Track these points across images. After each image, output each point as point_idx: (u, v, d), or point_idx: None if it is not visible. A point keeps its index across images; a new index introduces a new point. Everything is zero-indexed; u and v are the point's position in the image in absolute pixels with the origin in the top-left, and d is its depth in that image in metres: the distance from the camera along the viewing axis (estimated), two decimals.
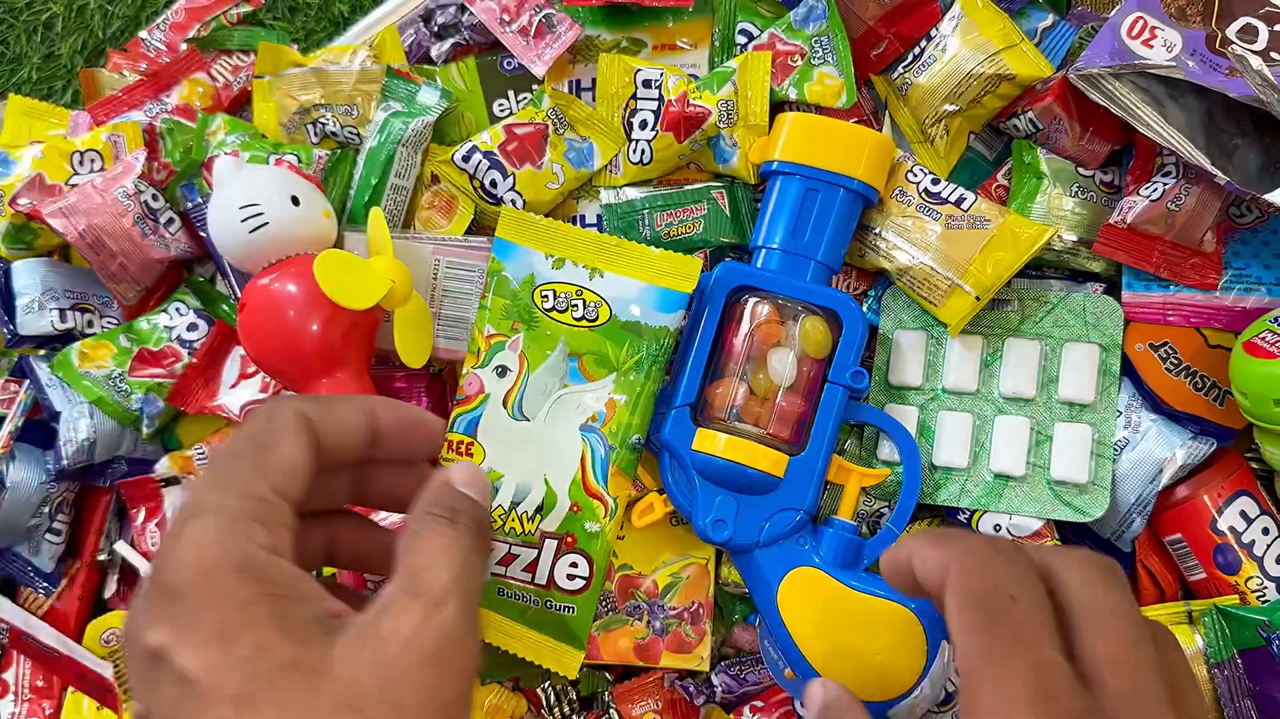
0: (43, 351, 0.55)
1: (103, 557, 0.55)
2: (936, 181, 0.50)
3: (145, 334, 0.54)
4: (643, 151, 0.53)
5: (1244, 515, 0.49)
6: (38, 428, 0.53)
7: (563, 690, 0.54)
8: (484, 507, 0.35)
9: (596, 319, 0.48)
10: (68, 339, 0.55)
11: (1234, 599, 0.48)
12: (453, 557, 0.32)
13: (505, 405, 0.48)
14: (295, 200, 0.49)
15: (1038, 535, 0.49)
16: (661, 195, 0.53)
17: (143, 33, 0.63)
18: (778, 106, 0.53)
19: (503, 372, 0.48)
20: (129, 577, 0.55)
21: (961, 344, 0.51)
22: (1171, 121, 0.48)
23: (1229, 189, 0.46)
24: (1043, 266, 0.53)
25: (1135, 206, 0.49)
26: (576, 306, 0.48)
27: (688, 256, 0.47)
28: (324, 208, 0.51)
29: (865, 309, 0.53)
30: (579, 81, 0.56)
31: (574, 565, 0.47)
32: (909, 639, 0.44)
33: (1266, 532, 0.49)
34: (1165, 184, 0.49)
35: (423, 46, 0.58)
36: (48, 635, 0.52)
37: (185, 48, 0.60)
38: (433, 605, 0.30)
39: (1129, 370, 0.50)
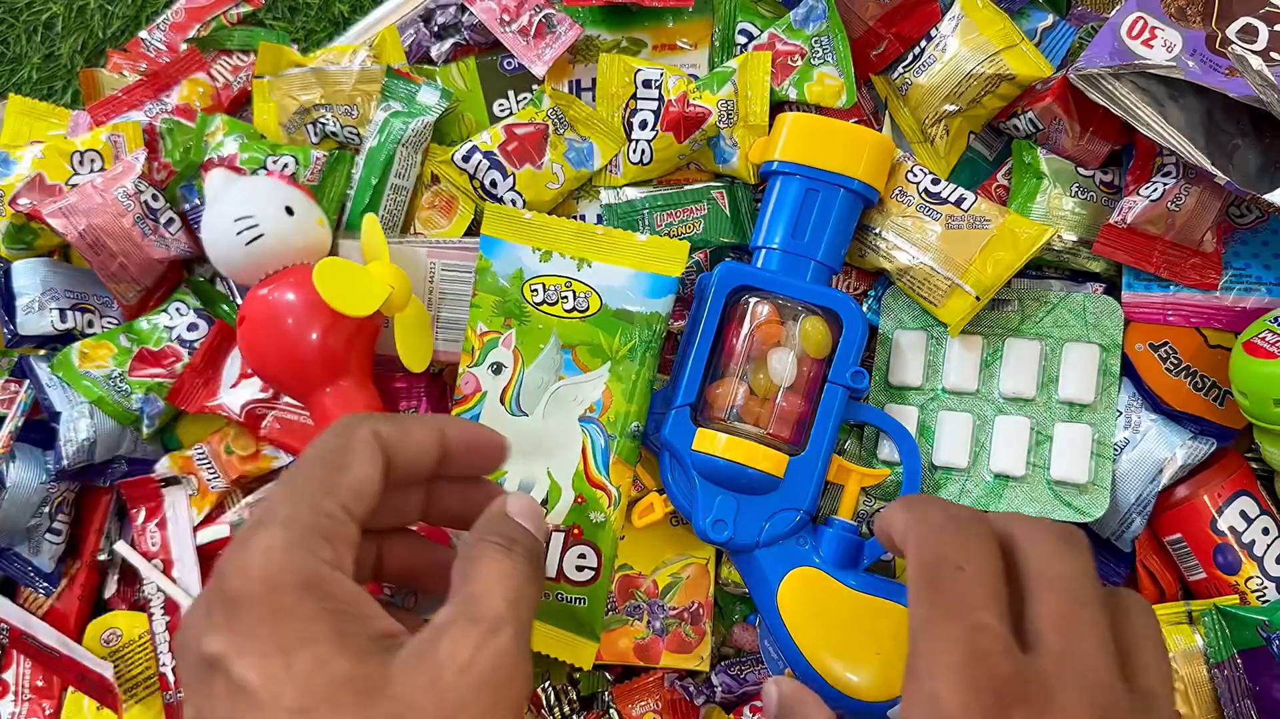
0: (43, 351, 0.55)
1: (103, 557, 0.55)
2: (936, 181, 0.50)
3: (145, 334, 0.54)
4: (643, 151, 0.53)
5: (1244, 515, 0.49)
6: (38, 428, 0.53)
7: (563, 690, 0.54)
8: (538, 539, 0.35)
9: (587, 309, 0.48)
10: (68, 339, 0.55)
11: (1234, 599, 0.48)
12: (508, 584, 0.32)
13: (503, 402, 0.48)
14: (289, 210, 0.49)
15: None
16: (661, 195, 0.53)
17: (143, 33, 0.63)
18: (778, 106, 0.53)
19: (498, 368, 0.48)
20: (129, 577, 0.55)
21: (961, 344, 0.51)
22: (1171, 121, 0.48)
23: (1229, 189, 0.46)
24: (1043, 266, 0.53)
25: (1135, 206, 0.49)
26: (567, 298, 0.48)
27: (674, 240, 0.47)
28: (318, 216, 0.51)
29: (865, 309, 0.53)
30: (579, 81, 0.56)
31: (582, 557, 0.47)
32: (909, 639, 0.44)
33: (1266, 532, 0.49)
34: (1165, 184, 0.49)
35: (423, 46, 0.58)
36: (48, 635, 0.52)
37: (185, 48, 0.60)
38: (489, 631, 0.30)
39: (1129, 370, 0.50)
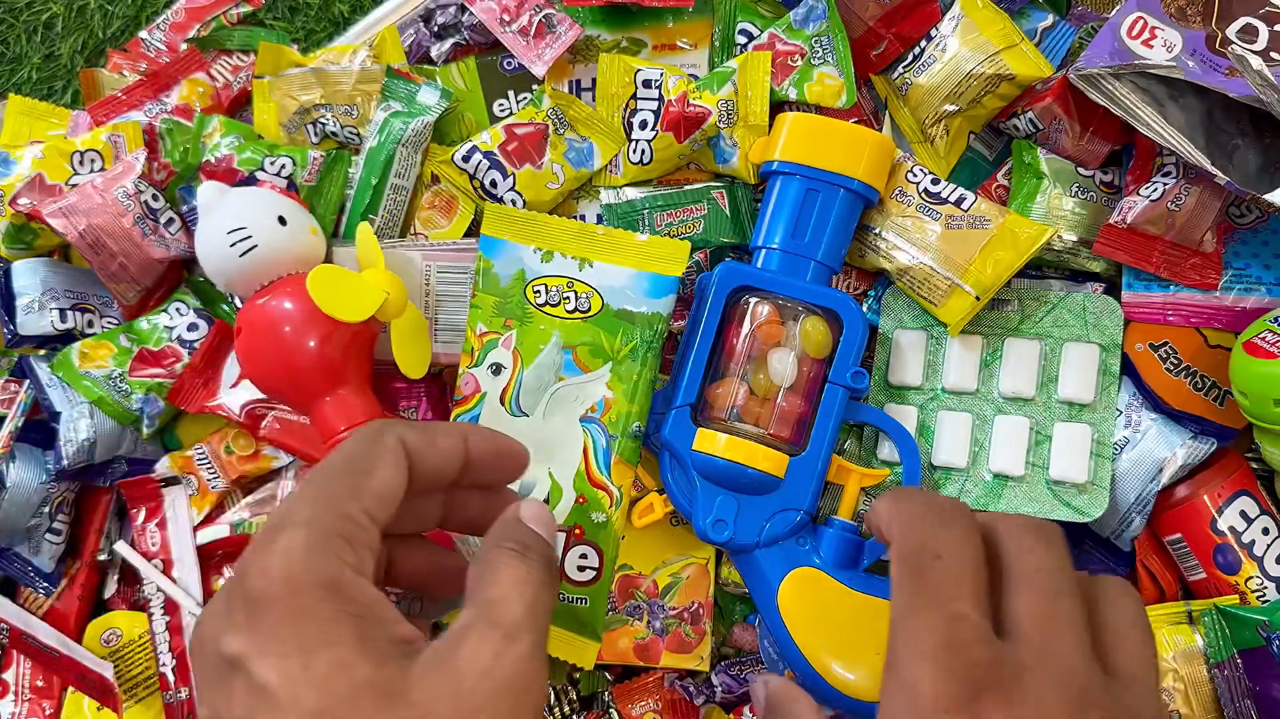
0: (43, 351, 0.55)
1: (103, 557, 0.55)
2: (936, 182, 0.50)
3: (145, 334, 0.54)
4: (643, 151, 0.53)
5: (1244, 515, 0.49)
6: (38, 428, 0.53)
7: (563, 690, 0.54)
8: (551, 544, 0.35)
9: (589, 310, 0.48)
10: (68, 339, 0.55)
11: (1234, 599, 0.48)
12: (525, 590, 0.32)
13: (503, 402, 0.48)
14: (282, 220, 0.49)
15: None
16: (661, 195, 0.53)
17: (143, 33, 0.63)
18: (778, 106, 0.53)
19: (497, 369, 0.48)
20: (129, 577, 0.55)
21: (961, 344, 0.51)
22: (1171, 121, 0.48)
23: (1229, 189, 0.46)
24: (1043, 266, 0.53)
25: (1135, 206, 0.49)
26: (569, 299, 0.48)
27: (675, 240, 0.47)
28: (311, 225, 0.51)
29: (865, 309, 0.53)
30: (579, 81, 0.56)
31: (584, 557, 0.47)
32: None
33: (1266, 532, 0.49)
34: (1165, 184, 0.49)
35: (423, 46, 0.58)
36: (48, 635, 0.52)
37: (185, 48, 0.60)
38: (509, 637, 0.30)
39: (1129, 370, 0.50)
